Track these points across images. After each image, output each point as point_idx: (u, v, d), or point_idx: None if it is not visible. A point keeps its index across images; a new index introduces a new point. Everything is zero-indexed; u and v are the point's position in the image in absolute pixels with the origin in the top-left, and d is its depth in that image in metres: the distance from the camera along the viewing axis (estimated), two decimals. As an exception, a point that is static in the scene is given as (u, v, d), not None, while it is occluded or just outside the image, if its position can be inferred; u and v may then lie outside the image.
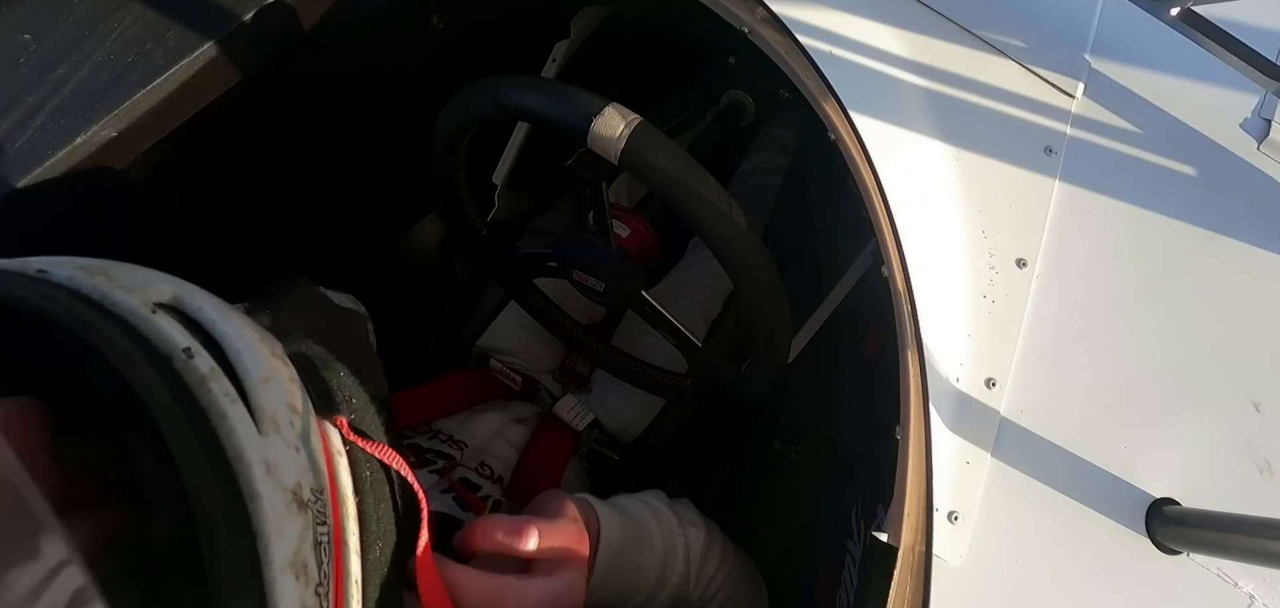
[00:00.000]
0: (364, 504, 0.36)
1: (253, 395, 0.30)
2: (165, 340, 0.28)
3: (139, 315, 0.28)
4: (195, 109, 0.66)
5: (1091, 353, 0.54)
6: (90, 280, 0.28)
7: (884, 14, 0.63)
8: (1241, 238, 0.58)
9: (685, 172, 0.53)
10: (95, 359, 0.26)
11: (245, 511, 0.27)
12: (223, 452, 0.27)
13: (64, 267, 0.29)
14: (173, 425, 0.26)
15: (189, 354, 0.28)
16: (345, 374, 0.39)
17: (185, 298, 0.31)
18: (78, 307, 0.27)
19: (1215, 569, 0.49)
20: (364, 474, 0.37)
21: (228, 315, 0.32)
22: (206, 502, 0.26)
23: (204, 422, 0.27)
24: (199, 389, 0.27)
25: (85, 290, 0.28)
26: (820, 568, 0.70)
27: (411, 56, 0.88)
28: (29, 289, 0.27)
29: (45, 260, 0.30)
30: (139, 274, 0.31)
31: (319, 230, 0.93)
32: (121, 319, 0.28)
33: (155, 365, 0.27)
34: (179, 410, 0.26)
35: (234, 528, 0.26)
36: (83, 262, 0.30)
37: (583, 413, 0.85)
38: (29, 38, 0.62)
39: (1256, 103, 0.62)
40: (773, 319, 0.59)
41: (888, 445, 0.51)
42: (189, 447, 0.26)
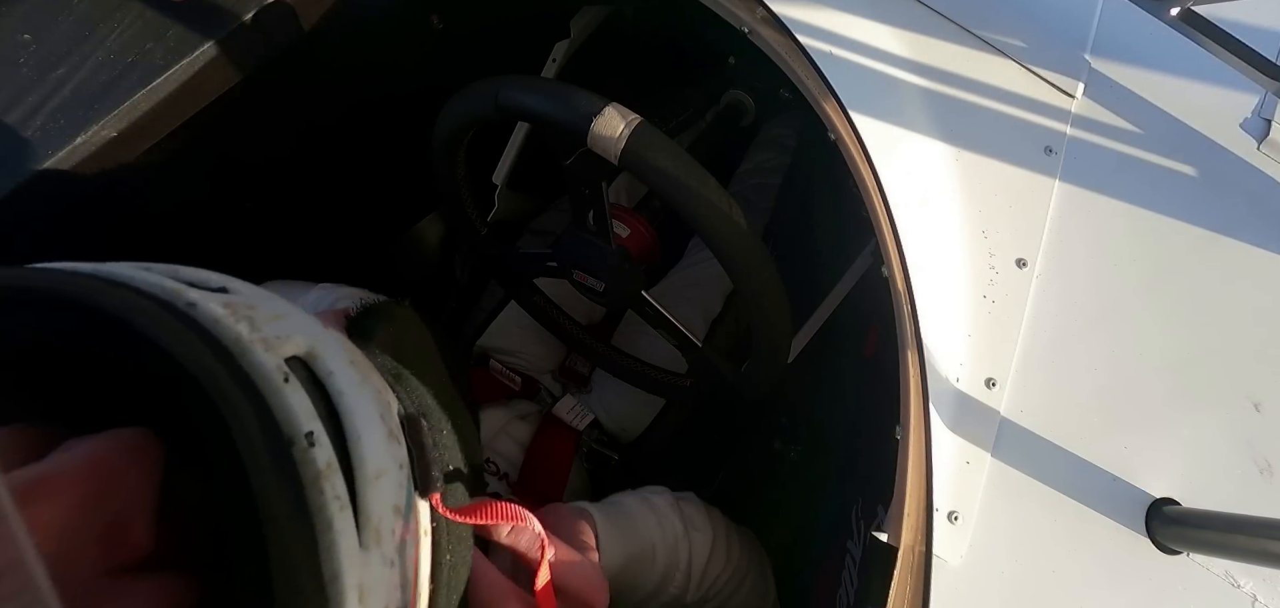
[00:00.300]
0: (436, 596, 0.34)
1: (362, 497, 0.28)
2: (290, 421, 0.27)
3: (271, 384, 0.27)
4: (195, 109, 0.66)
5: (1091, 353, 0.54)
6: (234, 328, 0.27)
7: (884, 14, 0.63)
8: (1241, 238, 0.58)
9: (685, 172, 0.53)
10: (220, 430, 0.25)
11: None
12: (320, 572, 0.26)
13: (214, 302, 0.28)
14: (278, 532, 0.25)
15: (310, 440, 0.27)
16: (447, 432, 0.37)
17: (320, 354, 0.30)
18: (215, 364, 0.26)
19: (1215, 569, 0.49)
20: (443, 559, 0.35)
21: (356, 384, 0.30)
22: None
23: (309, 531, 0.26)
24: (311, 488, 0.26)
25: (227, 342, 0.27)
26: (820, 568, 0.70)
27: (412, 57, 0.88)
28: (175, 333, 0.25)
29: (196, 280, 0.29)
30: (284, 321, 0.30)
31: (319, 230, 0.93)
32: (254, 385, 0.26)
33: (274, 453, 0.26)
34: (288, 516, 0.25)
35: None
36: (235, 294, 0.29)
37: (582, 413, 0.85)
38: (29, 38, 0.62)
39: (1256, 103, 0.62)
40: (773, 319, 0.59)
41: (888, 446, 0.51)
42: (288, 553, 0.25)
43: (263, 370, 0.27)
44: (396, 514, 0.30)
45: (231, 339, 0.27)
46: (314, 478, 0.26)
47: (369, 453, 0.29)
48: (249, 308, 0.28)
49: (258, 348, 0.27)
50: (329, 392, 0.29)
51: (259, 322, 0.28)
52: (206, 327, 0.27)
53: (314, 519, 0.26)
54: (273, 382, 0.27)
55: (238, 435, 0.25)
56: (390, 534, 0.29)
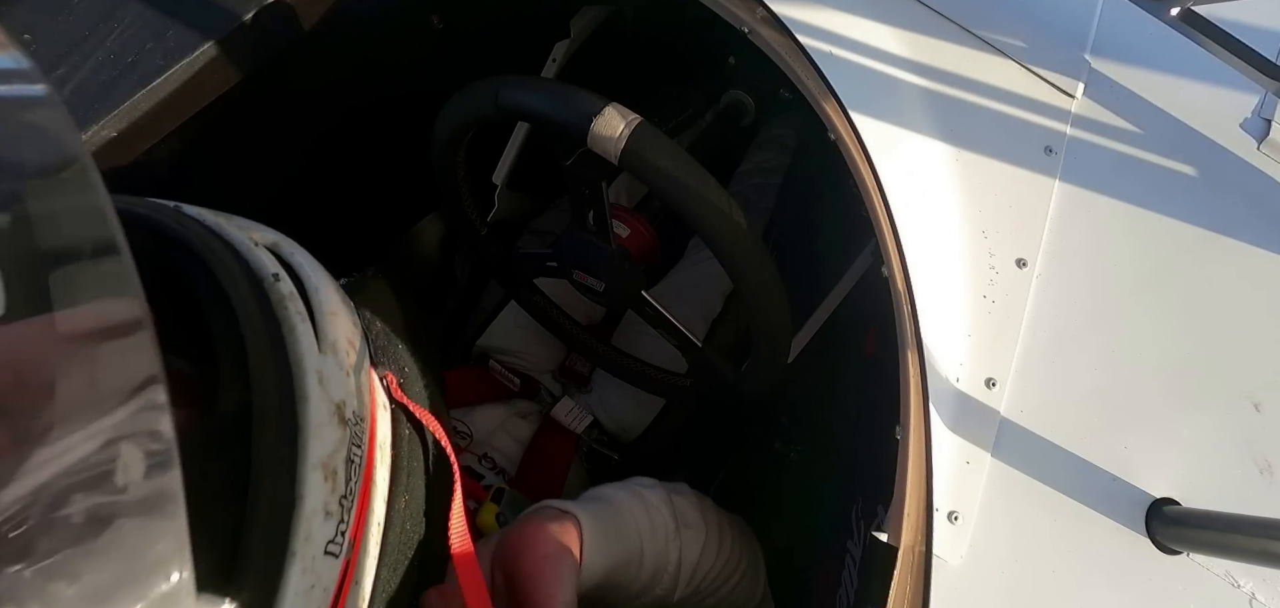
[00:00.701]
0: (398, 458, 0.40)
1: (320, 322, 0.36)
2: (261, 266, 0.36)
3: (245, 246, 0.36)
4: (195, 109, 0.66)
5: (1091, 353, 0.54)
6: (213, 218, 0.38)
7: (884, 14, 0.63)
8: (1241, 238, 0.58)
9: (685, 172, 0.53)
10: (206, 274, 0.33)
11: (294, 406, 0.32)
12: (286, 356, 0.33)
13: (193, 209, 0.38)
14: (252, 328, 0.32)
15: (277, 279, 0.35)
16: (403, 349, 0.44)
17: (282, 246, 0.40)
18: (202, 233, 0.35)
19: (1215, 569, 0.49)
20: (402, 432, 0.41)
21: (313, 264, 0.39)
22: (265, 388, 0.31)
23: (277, 331, 0.33)
24: (278, 306, 0.34)
25: (209, 223, 0.37)
26: (820, 568, 0.70)
27: (411, 56, 0.88)
28: (170, 216, 0.36)
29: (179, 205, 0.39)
30: (249, 224, 0.40)
31: (319, 230, 0.92)
32: (232, 246, 0.36)
33: (250, 282, 0.34)
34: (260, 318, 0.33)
35: (282, 417, 0.31)
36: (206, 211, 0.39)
37: (581, 415, 0.85)
38: (29, 38, 0.62)
39: (1256, 103, 0.62)
40: (773, 319, 0.59)
41: (888, 446, 0.51)
42: (261, 345, 0.32)
43: (237, 239, 0.36)
44: (350, 344, 0.38)
45: (211, 221, 0.37)
46: (279, 300, 0.35)
47: (325, 298, 0.37)
48: (224, 216, 0.39)
49: (231, 227, 0.37)
50: (292, 264, 0.39)
51: (232, 219, 0.38)
52: (191, 215, 0.37)
53: (279, 324, 0.34)
54: (245, 244, 0.36)
55: (219, 272, 0.33)
56: (345, 354, 0.37)
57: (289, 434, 0.31)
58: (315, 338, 0.35)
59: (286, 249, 0.39)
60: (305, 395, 0.32)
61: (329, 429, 0.33)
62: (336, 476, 0.33)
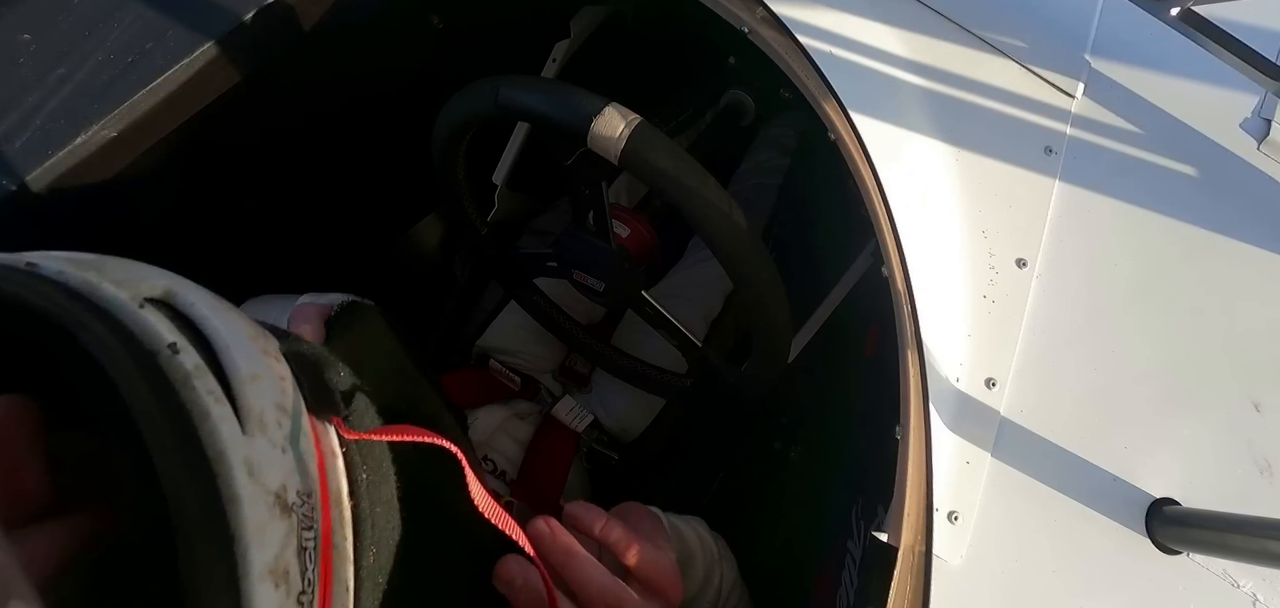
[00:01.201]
0: (359, 508, 0.35)
1: (240, 394, 0.29)
2: (150, 335, 0.27)
3: (126, 310, 0.27)
4: (195, 109, 0.66)
5: (1091, 353, 0.54)
6: (80, 275, 0.28)
7: (884, 14, 0.63)
8: (1241, 238, 0.58)
9: (685, 172, 0.53)
10: (78, 354, 0.25)
11: (223, 514, 0.26)
12: (203, 452, 0.26)
13: (55, 261, 0.28)
14: (151, 423, 0.25)
15: (174, 350, 0.27)
16: (345, 373, 0.38)
17: (178, 293, 0.31)
18: (63, 301, 0.26)
19: (1215, 569, 0.49)
20: (360, 477, 0.36)
21: (221, 312, 0.31)
22: (183, 503, 0.25)
23: (185, 421, 0.26)
24: (182, 387, 0.27)
25: (74, 284, 0.27)
26: (820, 568, 0.70)
27: (411, 56, 0.88)
28: (17, 282, 0.26)
29: (37, 255, 0.29)
30: (131, 269, 0.30)
31: (319, 230, 0.93)
32: (107, 313, 0.27)
33: (137, 361, 0.26)
34: (158, 408, 0.26)
35: (211, 531, 0.26)
36: (75, 256, 0.29)
37: (581, 415, 0.85)
38: (29, 38, 0.62)
39: (1256, 103, 0.62)
40: (773, 319, 0.59)
41: (888, 446, 0.51)
42: (166, 445, 0.25)
43: (116, 302, 0.27)
44: (280, 410, 0.31)
45: (78, 282, 0.27)
46: (184, 378, 0.27)
47: (241, 359, 0.30)
48: (95, 263, 0.29)
49: (107, 285, 0.28)
50: (193, 319, 0.30)
51: (106, 270, 0.29)
52: (52, 278, 0.27)
53: (190, 412, 0.26)
54: (128, 309, 0.27)
55: (100, 355, 0.25)
56: (276, 426, 0.30)
57: (222, 549, 0.26)
58: (236, 417, 0.28)
59: (183, 297, 0.31)
60: (235, 495, 0.26)
61: (271, 527, 0.27)
62: (289, 576, 0.28)
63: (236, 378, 0.29)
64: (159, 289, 0.30)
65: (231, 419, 0.28)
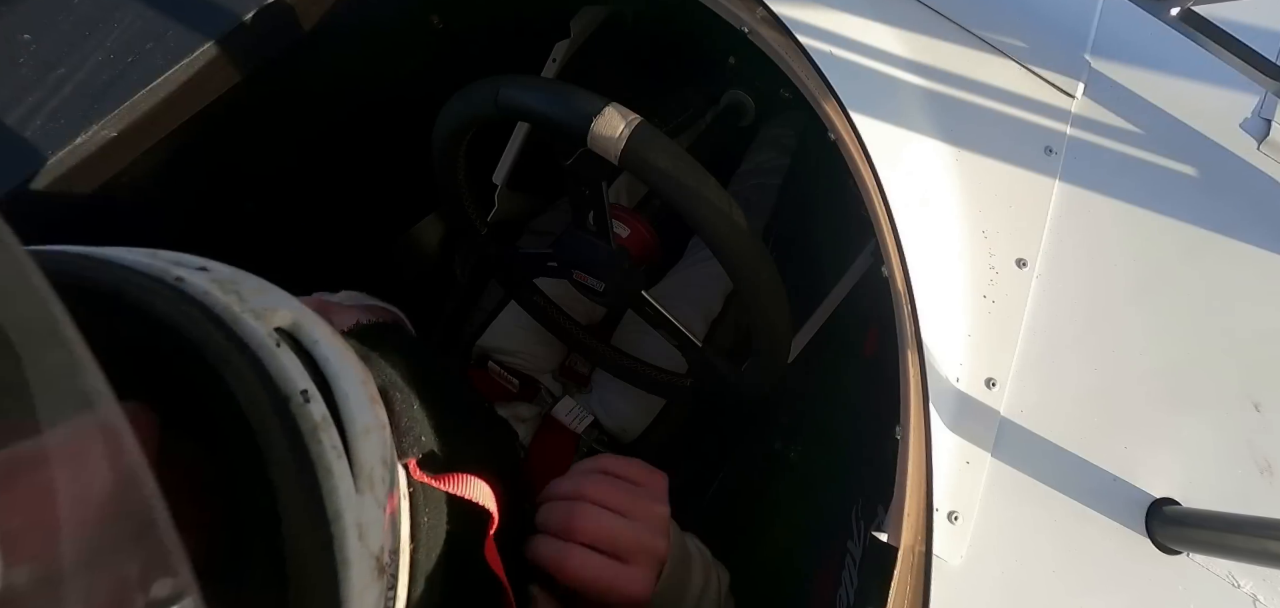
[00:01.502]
0: (417, 554, 0.36)
1: (354, 448, 0.30)
2: (286, 380, 0.28)
3: (265, 349, 0.28)
4: (195, 109, 0.66)
5: (1091, 353, 0.54)
6: (223, 299, 0.29)
7: (884, 14, 0.63)
8: (1241, 238, 0.58)
9: (685, 172, 0.53)
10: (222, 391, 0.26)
11: (336, 576, 0.27)
12: (324, 510, 0.27)
13: (199, 278, 0.29)
14: (283, 473, 0.26)
15: (305, 398, 0.28)
16: (418, 407, 0.39)
17: (303, 327, 0.32)
18: (212, 331, 0.27)
19: (1215, 569, 0.49)
20: (422, 520, 0.37)
21: (338, 351, 0.32)
22: (304, 562, 0.26)
23: (310, 476, 0.27)
24: (310, 439, 0.28)
25: (218, 311, 0.28)
26: (820, 568, 0.70)
27: (412, 56, 0.88)
28: (171, 303, 0.27)
29: (177, 260, 0.30)
30: (265, 294, 0.31)
31: (319, 230, 0.93)
32: (249, 349, 0.28)
33: (275, 407, 0.27)
34: (291, 459, 0.27)
35: (326, 594, 0.27)
36: (216, 272, 0.30)
37: (581, 416, 0.85)
38: (29, 38, 0.62)
39: (1256, 103, 0.62)
40: (773, 319, 0.59)
41: (888, 446, 0.51)
42: (294, 501, 0.26)
43: (256, 337, 0.28)
44: (384, 466, 0.32)
45: (222, 309, 0.28)
46: (312, 429, 0.28)
47: (357, 411, 0.31)
48: (233, 283, 0.30)
49: (248, 317, 0.29)
50: (315, 358, 0.31)
51: (245, 295, 0.30)
52: (198, 298, 0.28)
53: (315, 466, 0.27)
54: (267, 346, 0.28)
55: (241, 394, 0.26)
56: (381, 482, 0.31)
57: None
58: (351, 474, 0.29)
59: (308, 333, 0.32)
60: (346, 559, 0.27)
61: (369, 591, 0.29)
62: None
63: (351, 429, 0.30)
64: (288, 319, 0.31)
65: (348, 476, 0.29)
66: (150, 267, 0.29)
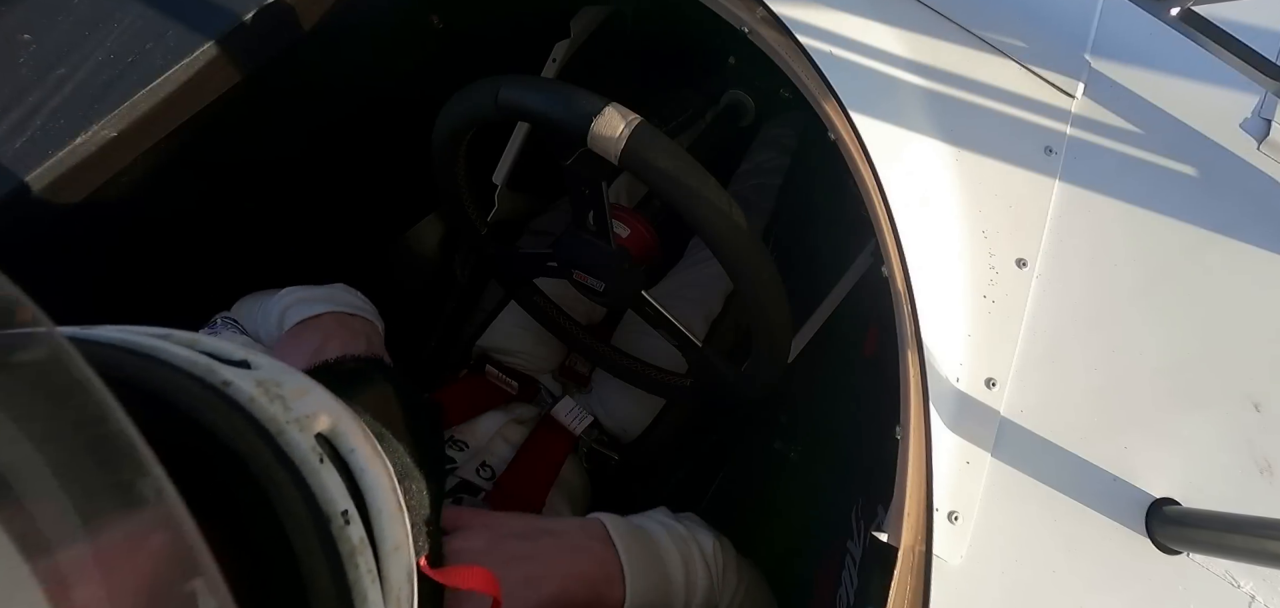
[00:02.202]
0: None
1: (385, 567, 0.31)
2: (328, 500, 0.29)
3: (308, 466, 0.29)
4: (195, 109, 0.66)
5: (1091, 353, 0.54)
6: (269, 409, 0.29)
7: (884, 14, 0.63)
8: (1241, 238, 0.58)
9: (685, 172, 0.53)
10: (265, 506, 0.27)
11: None
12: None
13: (245, 381, 0.30)
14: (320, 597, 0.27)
15: (346, 519, 0.29)
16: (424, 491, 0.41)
17: (340, 434, 0.32)
18: (259, 445, 0.28)
19: (1215, 569, 0.49)
20: None
21: (372, 461, 0.33)
22: None
23: (347, 600, 0.28)
24: (349, 562, 0.28)
25: (264, 421, 0.29)
26: (820, 568, 0.70)
27: (411, 56, 0.88)
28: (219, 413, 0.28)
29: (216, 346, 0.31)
30: (307, 396, 0.32)
31: (319, 230, 0.93)
32: (293, 466, 0.29)
33: (317, 528, 0.28)
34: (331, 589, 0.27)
35: None
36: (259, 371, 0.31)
37: (581, 416, 0.85)
38: (29, 38, 0.62)
39: (1256, 103, 0.62)
40: (773, 319, 0.59)
41: (888, 446, 0.51)
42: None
43: (300, 451, 0.29)
44: (409, 582, 0.33)
45: (268, 419, 0.29)
46: (350, 553, 0.29)
47: (388, 528, 0.32)
48: (277, 385, 0.31)
49: (293, 429, 0.29)
50: (351, 469, 0.32)
51: (289, 401, 0.31)
52: (244, 406, 0.29)
53: (351, 592, 0.28)
54: (310, 462, 0.29)
55: (284, 515, 0.27)
56: (406, 601, 0.32)
57: None
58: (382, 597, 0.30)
59: (345, 440, 0.32)
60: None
61: None
62: None
63: (383, 548, 0.31)
64: (327, 425, 0.32)
65: (380, 602, 0.30)
66: (195, 364, 0.29)
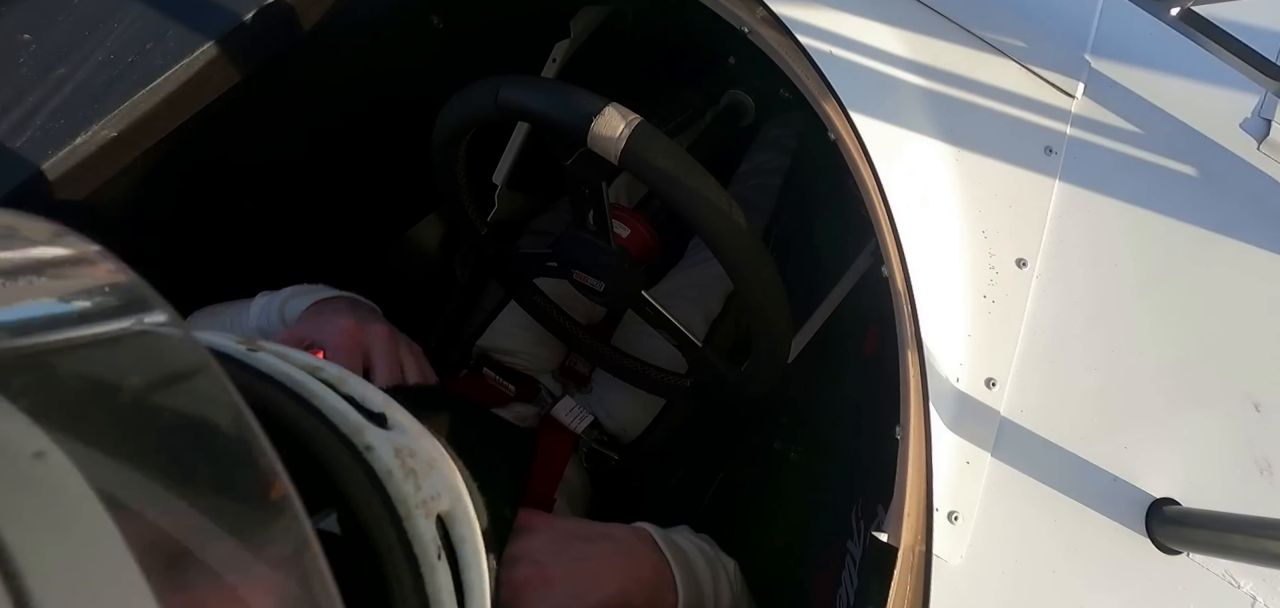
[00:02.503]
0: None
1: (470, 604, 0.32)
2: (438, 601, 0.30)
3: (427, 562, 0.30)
4: (195, 109, 0.66)
5: (1091, 353, 0.54)
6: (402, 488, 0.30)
7: (884, 14, 0.63)
8: (1241, 238, 0.58)
9: (685, 172, 0.53)
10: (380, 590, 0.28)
11: None
12: None
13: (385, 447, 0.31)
14: None
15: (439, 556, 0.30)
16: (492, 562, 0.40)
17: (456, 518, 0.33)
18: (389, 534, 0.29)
19: (1215, 569, 0.49)
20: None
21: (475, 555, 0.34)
22: None
23: None
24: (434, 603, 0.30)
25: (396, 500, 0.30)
26: (820, 568, 0.70)
27: (412, 56, 0.88)
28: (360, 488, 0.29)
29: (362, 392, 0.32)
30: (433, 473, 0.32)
31: (319, 230, 0.93)
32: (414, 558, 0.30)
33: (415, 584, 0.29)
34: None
35: None
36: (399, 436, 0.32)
37: (581, 416, 0.85)
38: (29, 38, 0.62)
39: (1256, 103, 0.62)
40: (773, 319, 0.59)
41: (888, 446, 0.51)
42: None
43: (422, 542, 0.30)
44: None
45: (400, 500, 0.30)
46: (436, 595, 0.30)
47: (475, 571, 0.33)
48: (411, 455, 0.32)
49: (419, 514, 0.30)
50: (459, 561, 0.33)
51: (421, 477, 0.31)
52: (381, 479, 0.30)
53: None
54: (428, 557, 0.30)
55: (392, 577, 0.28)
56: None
57: None
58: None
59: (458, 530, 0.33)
60: None
61: None
62: None
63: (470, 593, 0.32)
64: (446, 507, 0.33)
65: None
66: (344, 419, 0.30)
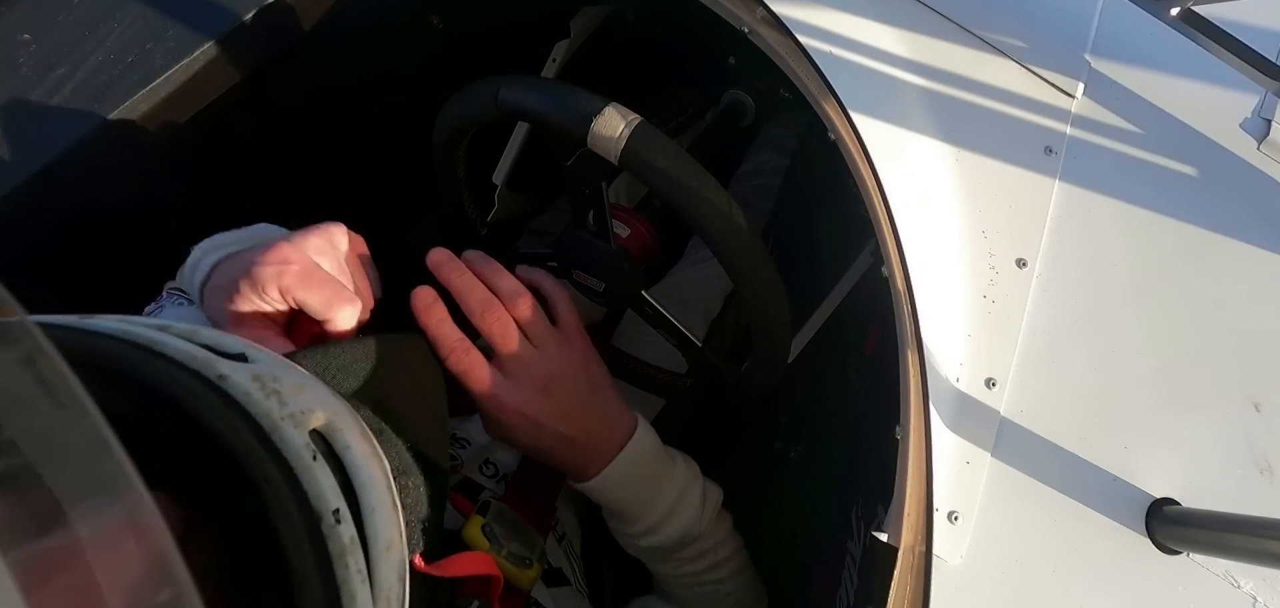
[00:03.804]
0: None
1: (376, 568, 0.31)
2: (320, 498, 0.29)
3: (302, 463, 0.29)
4: (195, 109, 0.66)
5: (1091, 353, 0.54)
6: (264, 403, 0.29)
7: (884, 14, 0.63)
8: (1241, 238, 0.58)
9: (685, 172, 0.53)
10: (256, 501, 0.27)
11: None
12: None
13: (241, 374, 0.30)
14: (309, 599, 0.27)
15: (337, 518, 0.29)
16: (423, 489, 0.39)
17: (336, 429, 0.32)
18: (252, 443, 0.28)
19: (1215, 569, 0.49)
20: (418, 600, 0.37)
21: (367, 457, 0.32)
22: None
23: (335, 601, 0.28)
24: (338, 561, 0.28)
25: (259, 416, 0.29)
26: (820, 568, 0.70)
27: (411, 57, 0.88)
28: (214, 410, 0.28)
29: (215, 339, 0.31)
30: (303, 392, 0.31)
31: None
32: (286, 463, 0.28)
33: (308, 527, 0.28)
34: (319, 587, 0.27)
35: None
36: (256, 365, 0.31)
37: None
38: (29, 38, 0.62)
39: (1256, 103, 0.62)
40: (773, 319, 0.59)
41: (888, 445, 0.51)
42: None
43: (293, 448, 0.29)
44: (401, 582, 0.32)
45: (263, 415, 0.29)
46: (340, 553, 0.29)
47: (381, 526, 0.31)
48: (274, 380, 0.31)
49: (287, 425, 0.29)
50: (346, 466, 0.32)
51: (285, 396, 0.30)
52: (240, 401, 0.29)
53: (340, 592, 0.28)
54: (303, 460, 0.29)
55: (276, 513, 0.27)
56: (397, 601, 0.32)
57: None
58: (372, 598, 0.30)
59: (340, 438, 0.32)
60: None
61: None
62: None
63: (375, 548, 0.31)
64: (322, 420, 0.32)
65: (369, 602, 0.29)
66: (192, 357, 0.29)
